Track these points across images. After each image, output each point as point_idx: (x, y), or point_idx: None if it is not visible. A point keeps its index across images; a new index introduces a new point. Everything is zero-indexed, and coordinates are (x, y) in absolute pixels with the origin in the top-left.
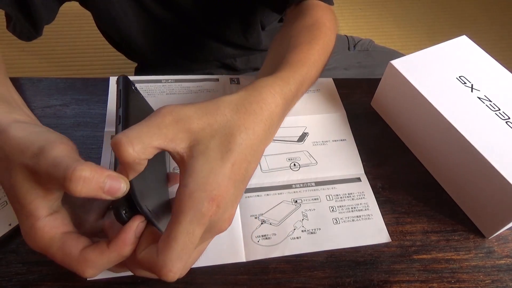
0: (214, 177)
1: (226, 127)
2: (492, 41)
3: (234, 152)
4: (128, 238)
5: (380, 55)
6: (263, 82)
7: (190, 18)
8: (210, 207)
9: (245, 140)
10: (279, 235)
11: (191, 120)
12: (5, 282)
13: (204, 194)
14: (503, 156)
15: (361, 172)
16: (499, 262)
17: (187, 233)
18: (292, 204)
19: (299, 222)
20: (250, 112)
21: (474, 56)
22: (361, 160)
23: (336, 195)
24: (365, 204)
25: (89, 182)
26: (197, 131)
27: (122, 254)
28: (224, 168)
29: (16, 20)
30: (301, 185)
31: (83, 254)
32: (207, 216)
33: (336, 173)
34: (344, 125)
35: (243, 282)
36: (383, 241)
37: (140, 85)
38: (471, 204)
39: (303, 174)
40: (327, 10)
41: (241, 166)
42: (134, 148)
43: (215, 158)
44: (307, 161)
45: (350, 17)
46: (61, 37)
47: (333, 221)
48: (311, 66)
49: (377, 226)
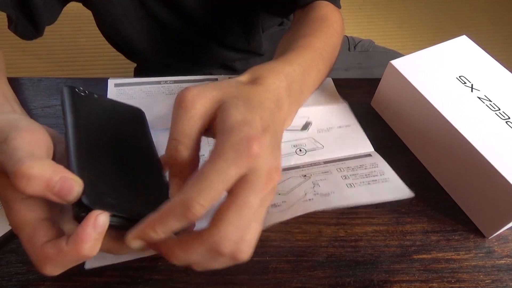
0: (249, 122)
1: (244, 93)
2: (492, 41)
3: (258, 108)
4: (85, 234)
5: (380, 56)
6: (260, 65)
7: (193, 21)
8: (248, 147)
9: (263, 102)
10: (290, 201)
11: (211, 92)
12: (5, 282)
13: (242, 134)
14: (503, 156)
15: (371, 149)
16: (499, 262)
17: (220, 170)
18: (301, 178)
19: (310, 188)
20: (258, 85)
21: (474, 56)
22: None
23: (347, 167)
24: (380, 171)
25: (35, 181)
26: (221, 96)
27: (82, 252)
28: (255, 118)
29: (17, 21)
30: (310, 164)
31: (44, 248)
32: (245, 157)
33: (345, 153)
34: (347, 113)
35: (243, 282)
36: (405, 196)
37: (139, 86)
38: (471, 204)
39: (310, 158)
40: (335, 11)
41: (268, 122)
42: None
43: (245, 110)
44: (313, 146)
45: (350, 17)
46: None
47: (347, 186)
48: (317, 56)
49: (396, 186)
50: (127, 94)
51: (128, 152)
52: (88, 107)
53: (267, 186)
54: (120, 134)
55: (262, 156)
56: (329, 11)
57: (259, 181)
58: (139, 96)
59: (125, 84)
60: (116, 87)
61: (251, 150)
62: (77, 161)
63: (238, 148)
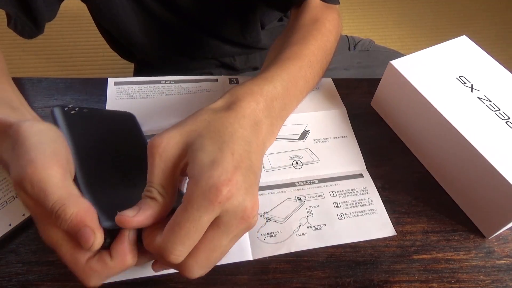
0: (218, 165)
1: (211, 126)
2: (492, 41)
3: (229, 142)
4: (125, 247)
5: (380, 55)
6: (239, 87)
7: (188, 15)
8: (218, 193)
9: (234, 133)
10: (285, 232)
11: (174, 139)
12: (5, 282)
13: (211, 180)
14: (503, 156)
15: (363, 168)
16: (499, 262)
17: (193, 220)
18: (297, 201)
19: (304, 218)
20: (230, 112)
21: (474, 56)
22: (362, 157)
23: (340, 191)
24: (368, 199)
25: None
26: (185, 138)
27: (127, 264)
28: (225, 157)
29: (17, 18)
30: (304, 182)
31: (89, 264)
32: (216, 203)
33: (339, 170)
34: (344, 121)
35: (243, 282)
36: (389, 234)
37: (139, 86)
38: (471, 204)
39: (306, 172)
40: (330, 11)
41: (242, 154)
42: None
43: (213, 150)
44: (309, 158)
45: (350, 17)
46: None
47: (338, 217)
48: (304, 65)
49: (382, 220)
50: (127, 93)
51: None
52: (81, 123)
53: (240, 225)
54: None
55: (234, 198)
56: (325, 14)
57: (232, 223)
58: (138, 95)
59: (125, 83)
60: (116, 85)
61: (221, 195)
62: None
63: (207, 195)
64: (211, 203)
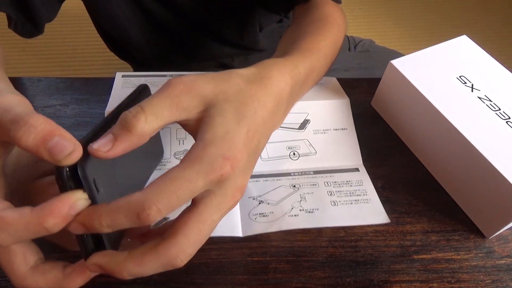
0: (230, 137)
1: (240, 95)
2: (492, 41)
3: (249, 119)
4: (58, 209)
5: (381, 56)
6: (272, 61)
7: (187, 15)
8: (222, 165)
9: (258, 110)
10: (277, 213)
11: (204, 87)
12: (5, 282)
13: (220, 150)
14: (503, 156)
15: (360, 163)
16: (499, 262)
17: (189, 178)
18: (290, 188)
19: (297, 202)
20: (261, 86)
21: (474, 56)
22: (360, 151)
23: (334, 182)
24: (363, 190)
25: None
26: (212, 96)
27: (44, 225)
28: (240, 132)
29: (17, 20)
30: (300, 173)
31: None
32: (218, 173)
33: (335, 164)
34: (346, 112)
35: (243, 282)
36: (382, 221)
37: (145, 78)
38: (471, 204)
39: (302, 164)
40: (337, 8)
41: (254, 135)
42: (146, 118)
43: (231, 121)
44: (307, 150)
45: (350, 17)
46: (61, 37)
47: (331, 203)
48: (321, 56)
49: (376, 209)
50: (133, 84)
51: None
52: None
53: (229, 204)
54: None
55: (232, 176)
56: (334, 11)
57: (225, 200)
58: None
59: (132, 75)
60: (123, 77)
61: (224, 169)
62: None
63: (212, 163)
64: (213, 171)
